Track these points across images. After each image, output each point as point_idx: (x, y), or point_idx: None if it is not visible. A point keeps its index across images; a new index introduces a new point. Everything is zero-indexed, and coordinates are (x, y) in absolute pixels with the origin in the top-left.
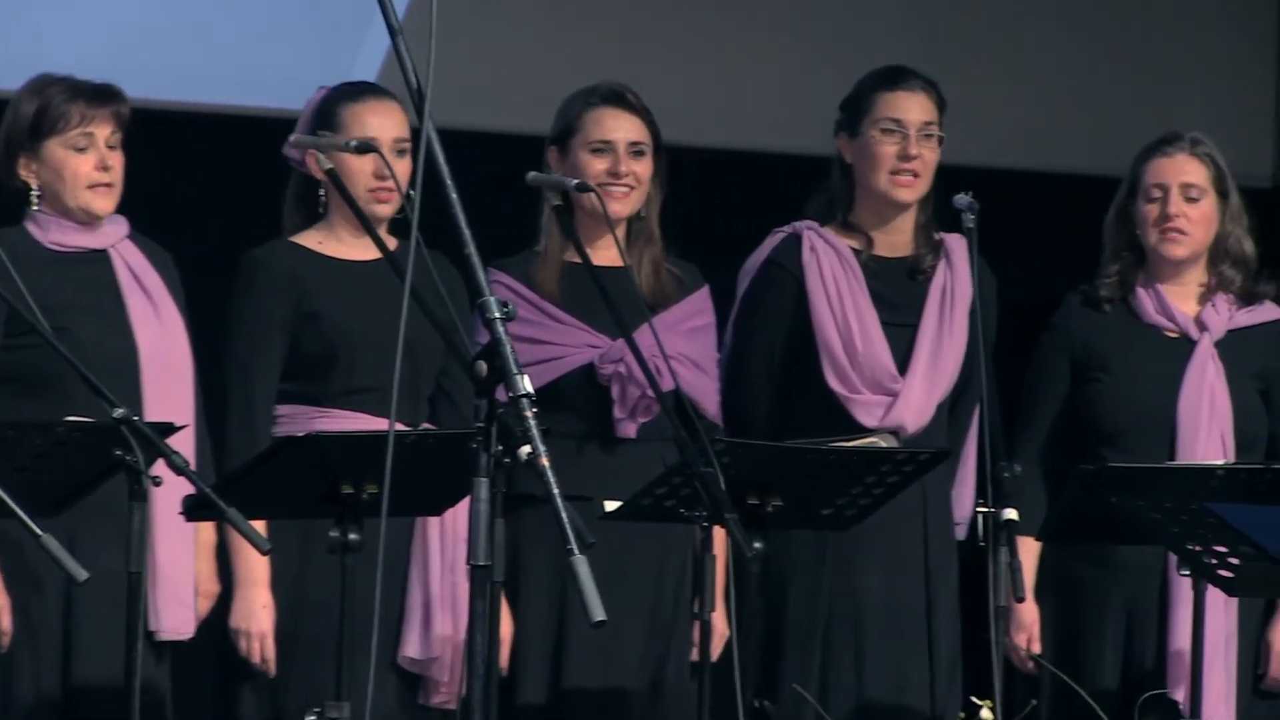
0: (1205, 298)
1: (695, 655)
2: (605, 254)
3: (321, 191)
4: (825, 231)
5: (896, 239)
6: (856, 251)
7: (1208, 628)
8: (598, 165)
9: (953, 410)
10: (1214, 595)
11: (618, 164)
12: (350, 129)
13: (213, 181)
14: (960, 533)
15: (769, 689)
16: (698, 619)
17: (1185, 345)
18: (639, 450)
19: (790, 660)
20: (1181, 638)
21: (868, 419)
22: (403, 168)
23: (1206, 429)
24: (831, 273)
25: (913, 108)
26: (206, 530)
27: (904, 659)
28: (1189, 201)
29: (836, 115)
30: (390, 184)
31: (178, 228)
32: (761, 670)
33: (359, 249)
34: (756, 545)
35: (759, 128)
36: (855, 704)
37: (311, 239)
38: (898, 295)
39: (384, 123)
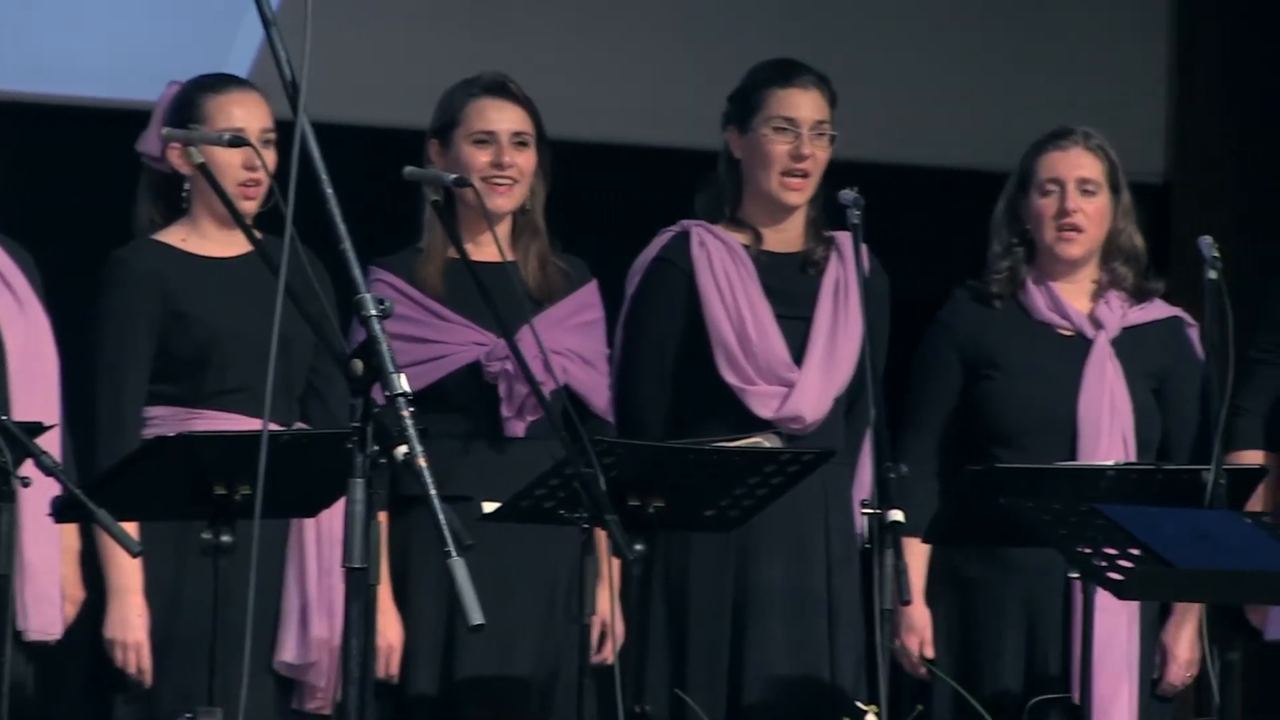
0: (1098, 295)
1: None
2: (489, 249)
3: (186, 186)
4: (714, 227)
5: (786, 235)
6: (746, 246)
7: (1110, 631)
8: (480, 157)
9: (849, 410)
10: (1114, 598)
11: (501, 155)
12: (215, 121)
13: (78, 177)
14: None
15: (675, 684)
16: (576, 622)
17: (1081, 344)
18: (529, 449)
19: (694, 657)
20: (1086, 642)
21: (764, 411)
22: (269, 159)
23: (1108, 430)
24: (722, 266)
25: (806, 105)
26: (70, 535)
27: (809, 651)
28: (1085, 195)
29: (724, 107)
30: (260, 175)
31: (39, 226)
32: (667, 668)
33: (225, 245)
34: (638, 547)
35: (641, 120)
36: (761, 698)
37: (175, 236)
38: (790, 288)
39: (249, 113)
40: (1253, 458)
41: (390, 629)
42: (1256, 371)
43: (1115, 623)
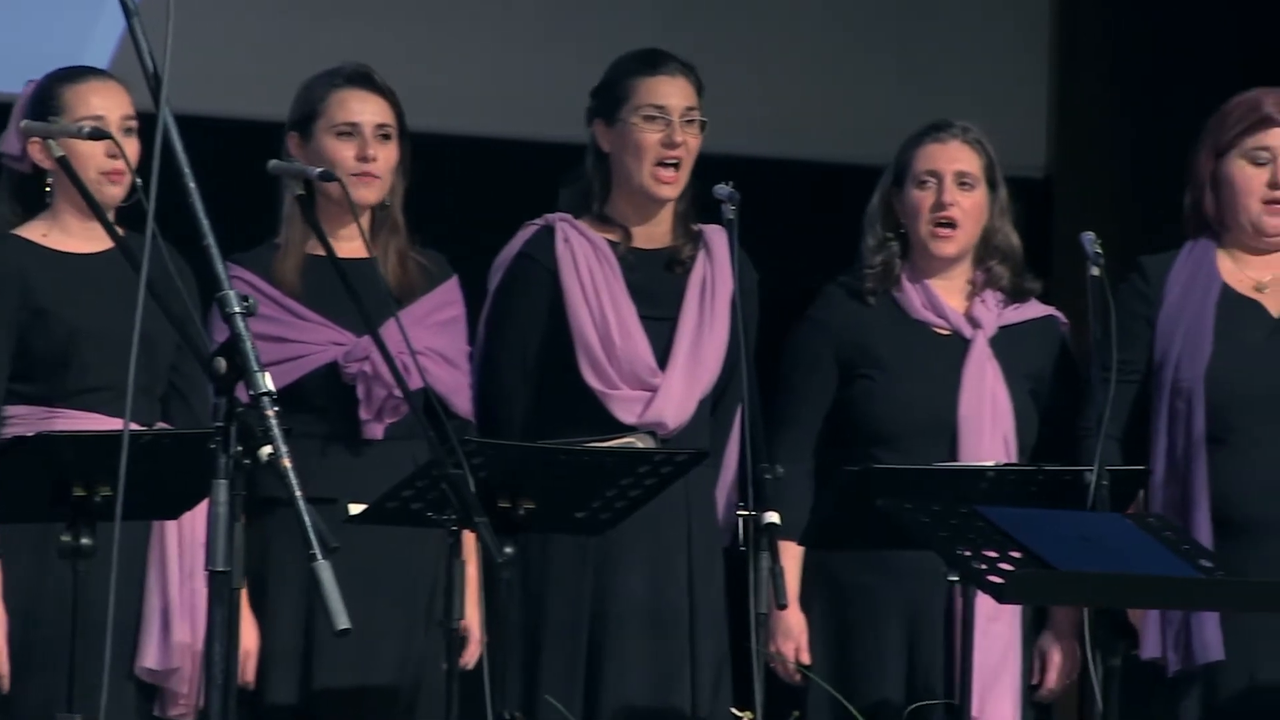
0: (973, 294)
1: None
2: (350, 245)
3: (49, 181)
4: (580, 223)
5: (654, 230)
6: (613, 244)
7: (990, 636)
8: (343, 150)
9: (715, 409)
10: (994, 602)
11: (364, 148)
12: (75, 111)
13: None
14: (724, 537)
15: (528, 696)
16: (444, 626)
17: (959, 343)
18: (388, 451)
19: (550, 666)
20: (965, 647)
21: (626, 416)
22: (131, 148)
23: (990, 431)
24: (587, 265)
25: (674, 93)
26: None
27: (667, 663)
28: (962, 189)
29: (588, 102)
30: (122, 164)
31: None
32: (522, 677)
33: (86, 241)
34: (508, 550)
35: (507, 113)
36: (617, 710)
37: (35, 232)
38: (656, 288)
39: (109, 102)
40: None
41: (247, 634)
42: (1107, 390)
43: (995, 627)
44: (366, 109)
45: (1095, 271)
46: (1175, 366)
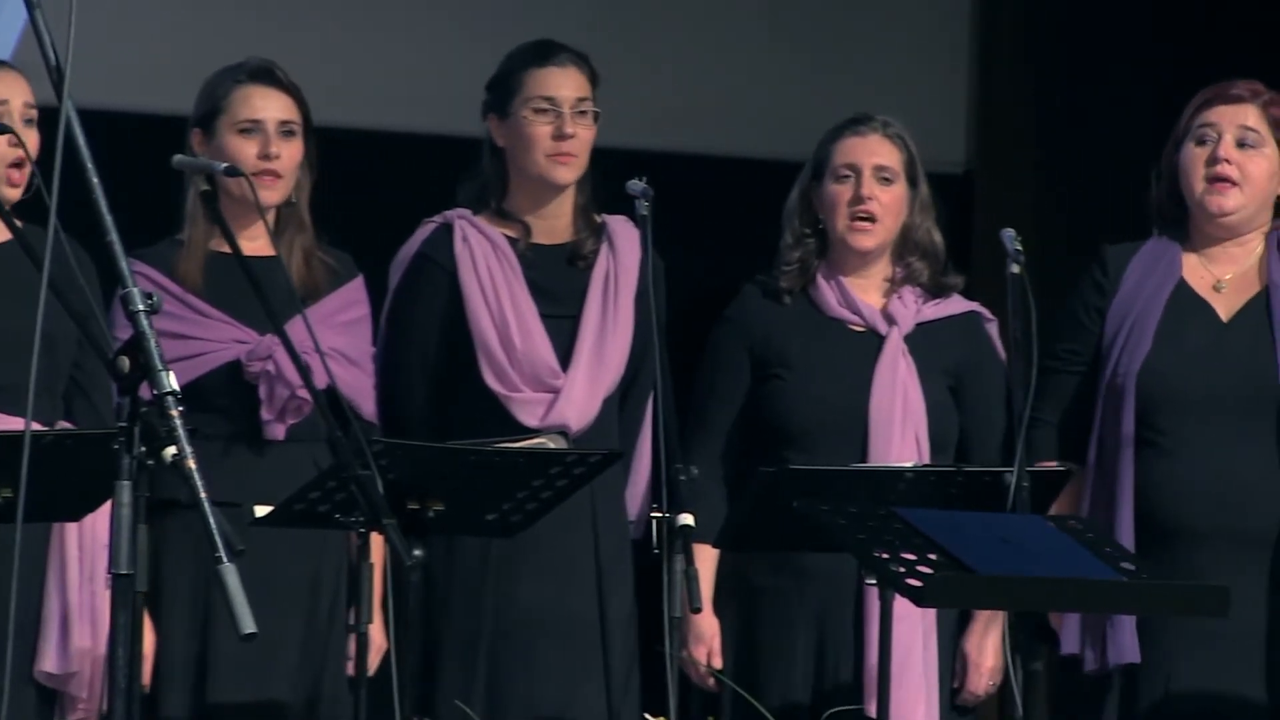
0: (891, 291)
1: (351, 669)
2: (254, 243)
3: None
4: (478, 220)
5: (555, 224)
6: (512, 240)
7: (904, 639)
8: (247, 147)
9: (623, 407)
10: (911, 605)
11: (267, 145)
12: None
13: None
14: (635, 526)
15: (430, 703)
16: (353, 631)
17: (873, 340)
18: (290, 452)
19: (451, 673)
20: (875, 651)
21: (528, 418)
22: (32, 139)
23: (900, 429)
24: (486, 265)
25: (565, 84)
26: None
27: (575, 670)
28: (881, 183)
29: (484, 96)
30: (23, 155)
31: None
32: (423, 684)
33: None
34: (416, 553)
35: (412, 108)
36: (523, 716)
37: None
38: (557, 285)
39: (8, 88)
40: (1046, 467)
41: (145, 637)
42: (1050, 380)
43: (913, 631)
44: (270, 105)
45: (1015, 269)
46: (1115, 360)
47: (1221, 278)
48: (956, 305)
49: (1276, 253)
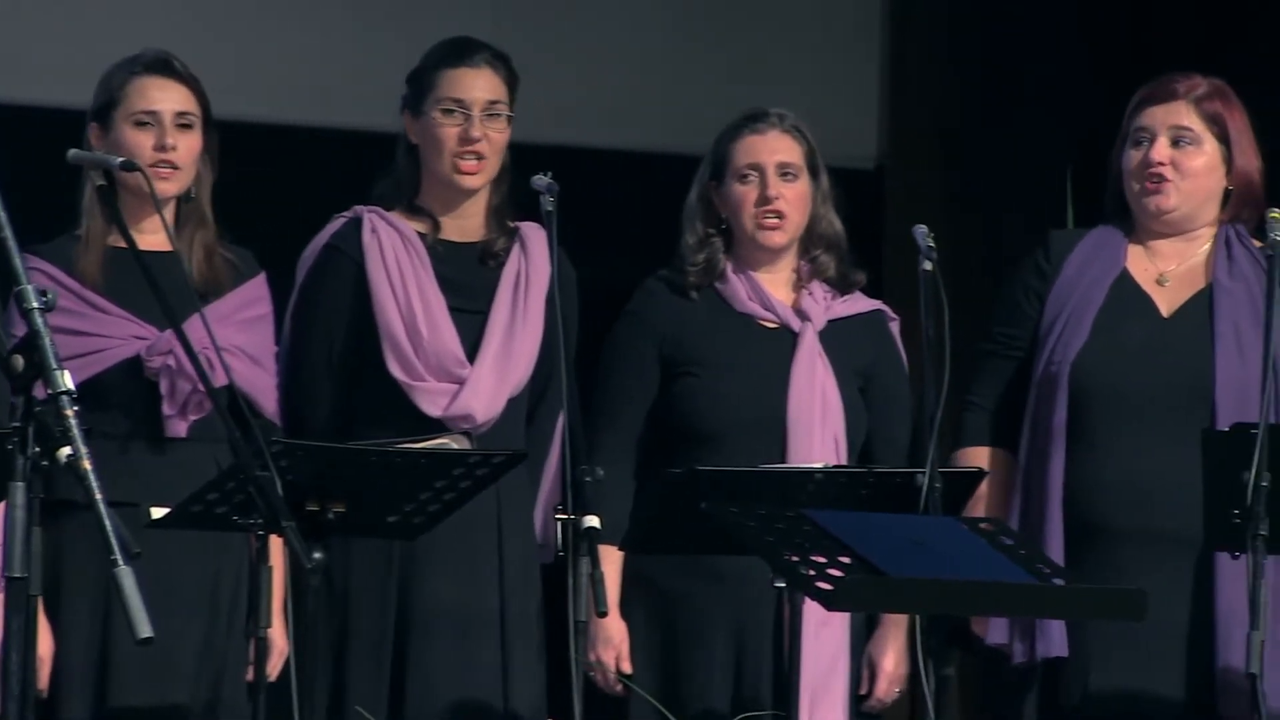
0: (799, 285)
1: (251, 674)
2: (153, 238)
3: None
4: (389, 214)
5: (467, 223)
6: (422, 235)
7: (829, 646)
8: (142, 139)
9: (534, 411)
10: (822, 610)
11: (163, 137)
12: None
13: None
14: (546, 553)
15: (335, 706)
16: (252, 635)
17: (786, 337)
18: (190, 451)
19: (356, 674)
20: (797, 657)
21: (433, 408)
22: None
23: (820, 429)
24: (394, 255)
25: (476, 86)
26: None
27: (478, 672)
28: (785, 181)
29: (404, 90)
30: None
31: None
32: (328, 687)
33: None
34: (317, 555)
35: (324, 102)
36: (428, 717)
37: None
38: (468, 281)
39: None
40: (981, 455)
41: (42, 641)
42: (987, 364)
43: (823, 635)
44: (166, 97)
45: (927, 266)
46: (1051, 349)
47: (1165, 271)
48: (863, 303)
49: (1223, 250)
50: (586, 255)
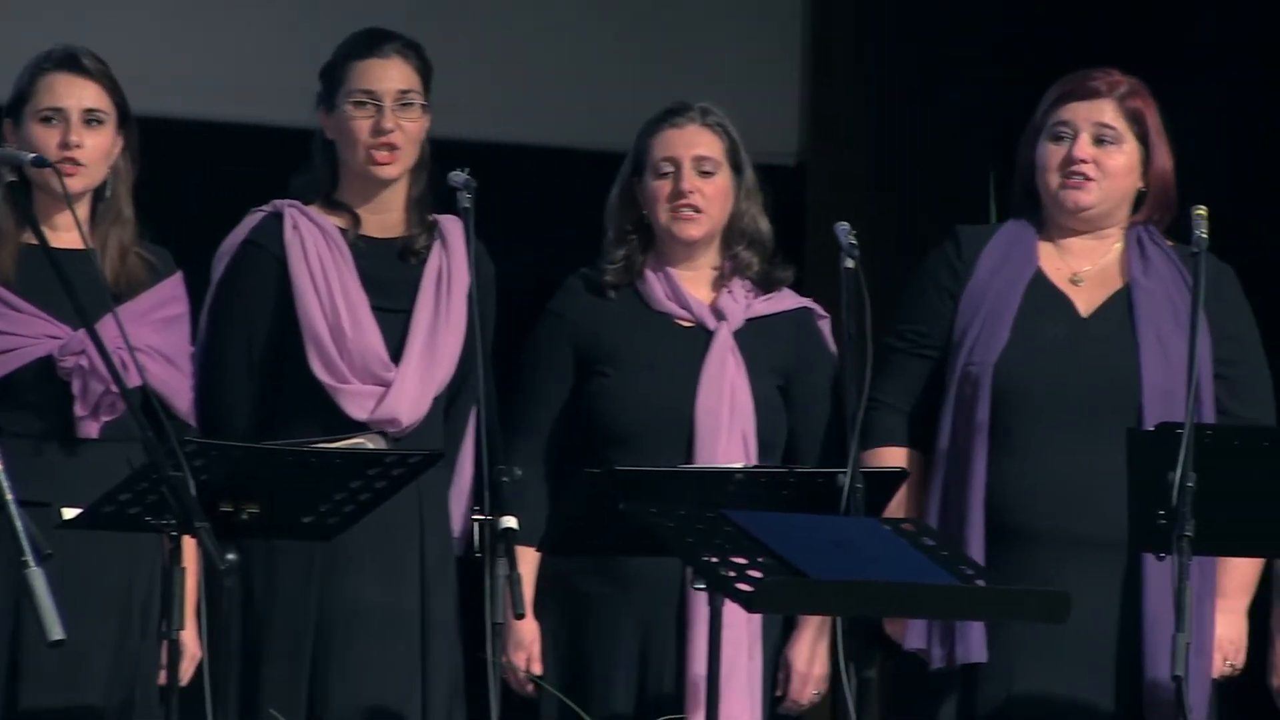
0: (720, 283)
1: (163, 678)
2: (67, 235)
3: None
4: (309, 210)
5: (386, 218)
6: (343, 231)
7: (729, 647)
8: (48, 136)
9: (449, 408)
10: (736, 612)
11: (68, 133)
12: None
13: None
14: (458, 544)
15: (250, 709)
16: (164, 637)
17: (701, 335)
18: (103, 452)
19: (272, 678)
20: (700, 658)
21: (358, 411)
22: None
23: (727, 429)
24: (316, 253)
25: (387, 76)
26: None
27: (398, 674)
28: (703, 176)
29: (317, 85)
30: None
31: None
32: (244, 689)
33: None
34: (230, 557)
35: (239, 98)
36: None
37: None
38: (390, 278)
39: None
40: (893, 455)
41: None
42: (896, 362)
43: (738, 638)
44: (72, 94)
45: (849, 263)
46: (969, 349)
47: (1078, 271)
48: (788, 301)
49: (1136, 249)
50: (506, 252)
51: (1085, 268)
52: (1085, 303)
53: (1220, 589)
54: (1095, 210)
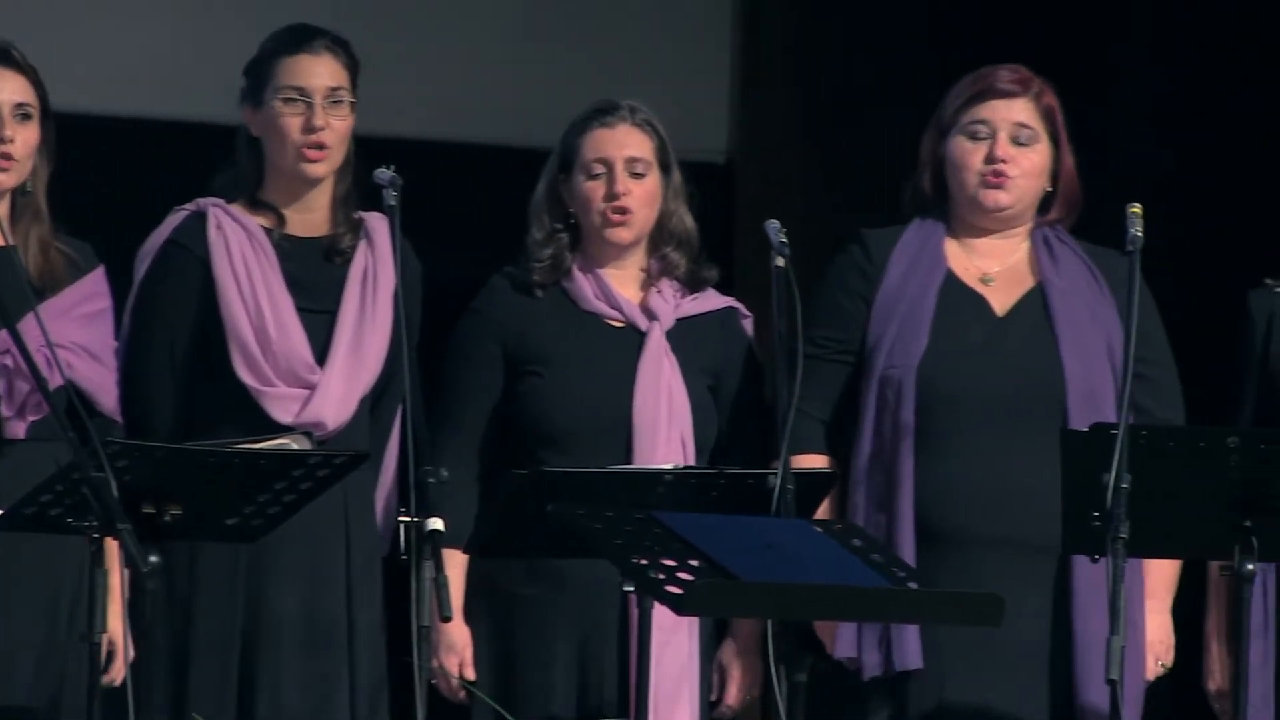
0: (648, 283)
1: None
2: None
3: None
4: (233, 209)
5: (311, 217)
6: (268, 230)
7: (667, 649)
8: None
9: (375, 408)
10: (671, 614)
11: (1, 129)
12: None
13: None
14: (383, 545)
15: (176, 713)
16: (85, 640)
17: (633, 336)
18: (29, 452)
19: (199, 682)
20: (642, 661)
21: (283, 415)
22: None
23: (666, 430)
24: (241, 254)
25: (316, 73)
26: None
27: (323, 677)
28: (634, 177)
29: (241, 81)
30: None
31: None
32: (170, 693)
33: None
34: (153, 559)
35: (161, 93)
36: None
37: None
38: (314, 279)
39: None
40: (813, 462)
41: None
42: (812, 369)
43: (672, 640)
44: (4, 86)
45: (780, 262)
46: (888, 354)
47: (988, 271)
48: (714, 300)
49: (1044, 249)
50: (433, 251)
51: (994, 267)
52: (1000, 302)
53: (1146, 588)
54: (1011, 211)
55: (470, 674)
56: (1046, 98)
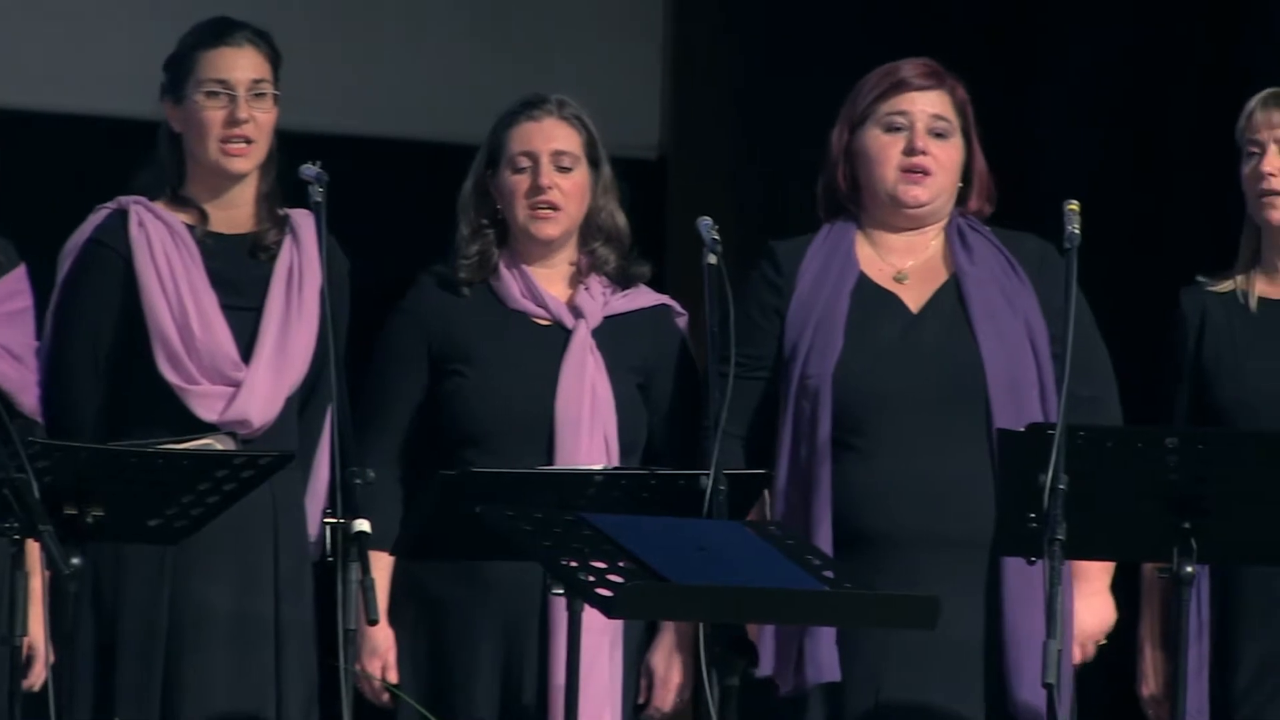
0: (577, 280)
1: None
2: None
3: None
4: (155, 206)
5: (235, 213)
6: (191, 227)
7: (589, 652)
8: None
9: (304, 410)
10: (597, 616)
11: None
12: None
13: None
14: (313, 548)
15: (104, 713)
16: (5, 644)
17: (559, 334)
18: None
19: (123, 684)
20: (563, 665)
21: (207, 413)
22: None
23: (589, 429)
24: (163, 251)
25: (239, 65)
26: None
27: (251, 679)
28: (561, 171)
29: (161, 77)
30: None
31: None
32: (94, 696)
33: None
34: (75, 561)
35: (82, 89)
36: None
37: None
38: (239, 276)
39: None
40: None
41: None
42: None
43: (598, 643)
44: None
45: (712, 259)
46: (804, 362)
47: (901, 268)
48: (646, 298)
49: (958, 239)
50: (360, 247)
51: (908, 264)
52: (914, 299)
53: (1082, 573)
54: (930, 206)
55: (393, 676)
56: (959, 91)
